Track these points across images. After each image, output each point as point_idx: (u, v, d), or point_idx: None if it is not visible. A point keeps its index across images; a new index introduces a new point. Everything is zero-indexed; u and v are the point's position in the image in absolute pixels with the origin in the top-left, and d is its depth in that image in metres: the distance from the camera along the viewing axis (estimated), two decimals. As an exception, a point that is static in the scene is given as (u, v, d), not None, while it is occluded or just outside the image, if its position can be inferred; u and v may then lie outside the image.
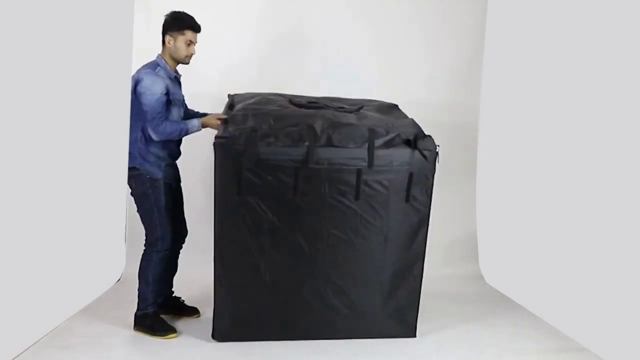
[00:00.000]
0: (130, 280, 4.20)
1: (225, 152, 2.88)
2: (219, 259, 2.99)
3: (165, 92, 3.11)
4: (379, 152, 2.96)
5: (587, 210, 3.21)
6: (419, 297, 3.18)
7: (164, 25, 3.22)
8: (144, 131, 3.13)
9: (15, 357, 2.78)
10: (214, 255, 3.00)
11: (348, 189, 2.96)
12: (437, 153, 3.02)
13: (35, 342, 2.98)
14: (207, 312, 3.30)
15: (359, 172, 2.95)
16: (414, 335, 3.18)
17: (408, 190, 3.01)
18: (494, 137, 4.52)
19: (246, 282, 3.01)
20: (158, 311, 3.26)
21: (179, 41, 3.18)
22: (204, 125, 3.17)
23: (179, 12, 3.23)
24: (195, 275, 3.69)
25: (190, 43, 3.20)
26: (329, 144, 2.93)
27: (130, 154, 3.20)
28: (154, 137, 3.11)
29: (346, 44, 4.53)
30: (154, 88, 3.08)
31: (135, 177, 3.17)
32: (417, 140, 3.00)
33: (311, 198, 2.95)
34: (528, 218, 3.95)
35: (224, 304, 3.03)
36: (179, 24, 3.18)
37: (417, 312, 3.19)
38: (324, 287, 3.05)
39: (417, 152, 2.99)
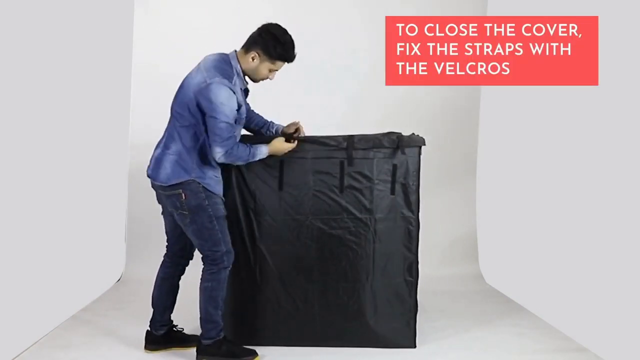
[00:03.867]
0: (130, 280, 4.21)
1: None
2: None
3: (237, 108, 2.63)
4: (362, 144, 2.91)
5: (586, 210, 3.21)
6: (417, 307, 3.03)
7: (255, 36, 2.66)
8: (203, 147, 2.65)
9: (15, 357, 2.78)
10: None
11: (332, 181, 2.92)
12: (420, 147, 2.92)
13: (35, 342, 2.98)
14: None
15: (342, 164, 2.92)
16: (414, 346, 3.02)
17: (393, 182, 2.95)
18: (494, 137, 4.53)
19: (239, 282, 2.96)
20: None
21: (264, 67, 2.67)
22: (271, 153, 2.77)
23: (283, 33, 2.64)
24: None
25: (274, 71, 2.73)
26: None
27: (176, 164, 2.64)
28: (220, 159, 2.62)
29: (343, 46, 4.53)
30: (231, 103, 2.57)
31: (185, 188, 2.62)
32: (401, 138, 2.93)
33: (297, 190, 2.93)
34: (528, 218, 3.95)
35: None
36: (276, 52, 2.63)
37: (415, 324, 3.03)
38: (317, 287, 2.98)
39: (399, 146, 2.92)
